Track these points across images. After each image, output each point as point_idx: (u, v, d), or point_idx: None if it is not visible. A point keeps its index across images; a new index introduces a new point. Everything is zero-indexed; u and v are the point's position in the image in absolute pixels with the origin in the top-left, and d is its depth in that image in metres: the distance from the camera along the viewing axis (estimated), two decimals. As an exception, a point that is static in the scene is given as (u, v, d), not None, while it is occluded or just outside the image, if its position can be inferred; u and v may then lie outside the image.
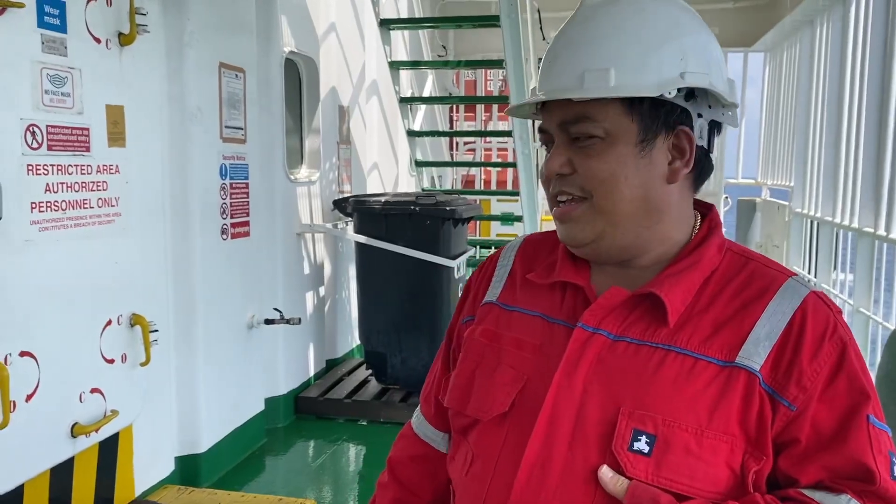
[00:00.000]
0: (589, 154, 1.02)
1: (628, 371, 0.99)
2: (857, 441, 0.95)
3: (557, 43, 1.06)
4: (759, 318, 0.98)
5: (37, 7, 2.41)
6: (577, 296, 1.09)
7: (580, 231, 1.05)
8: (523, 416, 1.03)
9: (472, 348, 1.15)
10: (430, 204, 4.56)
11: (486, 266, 1.25)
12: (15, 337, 2.36)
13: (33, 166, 2.41)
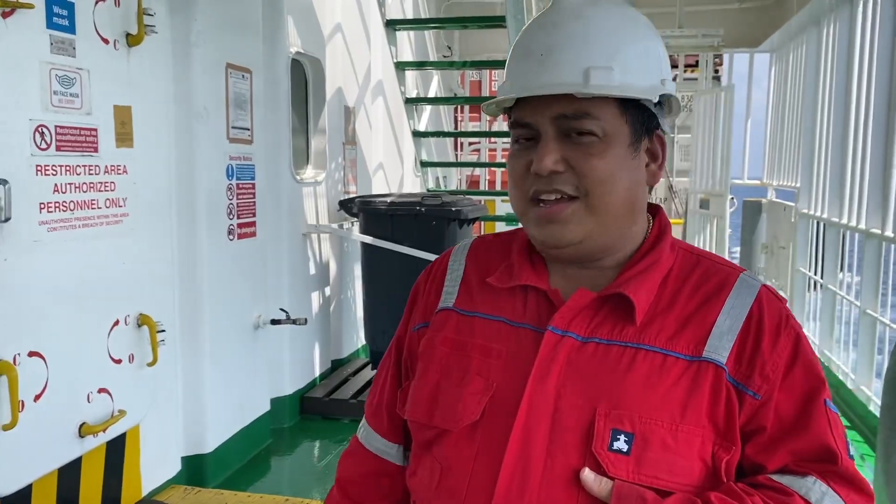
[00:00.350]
0: (590, 152, 1.01)
1: (600, 372, 1.00)
2: (818, 425, 1.00)
3: (546, 37, 1.03)
4: (719, 313, 1.02)
5: (46, 8, 2.41)
6: (539, 299, 1.08)
7: (569, 232, 1.03)
8: (495, 424, 1.01)
9: (434, 357, 1.11)
10: (435, 204, 4.56)
11: (435, 271, 1.21)
12: (23, 337, 2.36)
13: (42, 167, 2.41)
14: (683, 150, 12.18)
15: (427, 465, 1.08)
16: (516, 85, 1.05)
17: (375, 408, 1.26)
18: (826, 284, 6.03)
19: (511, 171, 1.07)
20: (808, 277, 6.72)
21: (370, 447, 1.25)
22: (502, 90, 1.08)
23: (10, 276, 2.31)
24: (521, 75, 1.04)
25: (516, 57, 1.07)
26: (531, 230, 1.07)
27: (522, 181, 1.05)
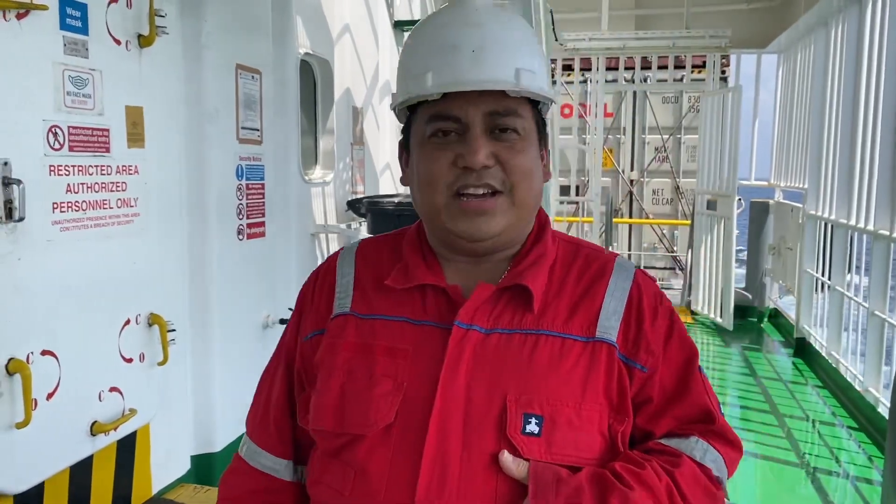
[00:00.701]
0: (516, 148, 1.06)
1: (506, 360, 1.04)
2: (696, 390, 1.12)
3: (474, 35, 1.06)
4: (604, 295, 1.10)
5: (59, 9, 2.43)
6: (438, 296, 1.10)
7: (495, 224, 1.07)
8: (410, 423, 1.02)
9: (336, 363, 1.09)
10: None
11: (322, 278, 1.20)
12: (36, 336, 2.38)
13: (55, 167, 2.43)
14: (690, 150, 12.16)
15: (337, 471, 1.06)
16: (445, 79, 1.04)
17: (260, 423, 1.22)
18: (834, 286, 6.02)
19: (430, 164, 1.07)
20: (815, 279, 6.70)
21: (255, 464, 1.21)
22: (419, 83, 1.06)
23: (23, 276, 2.32)
24: (451, 70, 1.04)
25: (439, 51, 1.06)
26: (451, 223, 1.07)
27: (445, 175, 1.06)
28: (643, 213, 12.26)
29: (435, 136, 1.07)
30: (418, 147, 1.10)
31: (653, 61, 8.78)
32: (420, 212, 1.13)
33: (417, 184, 1.10)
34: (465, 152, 1.04)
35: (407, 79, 1.09)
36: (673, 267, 12.34)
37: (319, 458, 1.11)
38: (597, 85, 8.57)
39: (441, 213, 1.07)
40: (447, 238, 1.11)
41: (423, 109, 1.09)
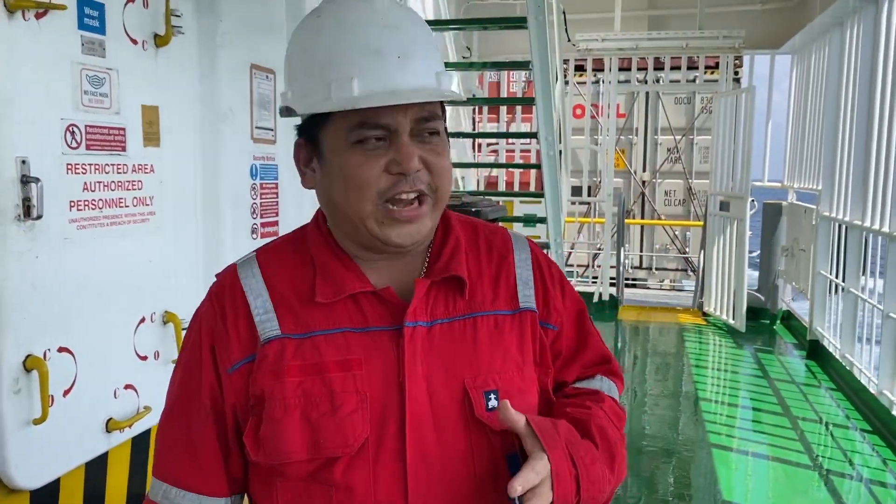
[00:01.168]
0: (439, 152, 1.09)
1: (453, 347, 1.10)
2: (593, 339, 1.27)
3: (395, 38, 1.04)
4: (514, 269, 1.19)
5: (77, 9, 2.45)
6: (370, 300, 1.10)
7: (423, 229, 1.10)
8: (384, 432, 1.05)
9: (287, 391, 1.06)
10: (455, 205, 4.57)
11: (228, 305, 1.13)
12: (53, 333, 2.40)
13: (72, 165, 2.45)
14: (702, 151, 12.12)
15: (316, 493, 1.06)
16: (376, 86, 1.02)
17: (191, 468, 1.14)
18: (848, 288, 5.99)
19: (359, 170, 1.05)
20: (829, 280, 6.67)
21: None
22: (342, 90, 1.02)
23: (41, 273, 2.34)
24: (379, 77, 1.02)
25: (360, 53, 1.03)
26: (379, 231, 1.07)
27: (376, 181, 1.05)
28: (655, 214, 12.23)
29: (361, 142, 1.05)
30: (339, 152, 1.07)
31: (666, 62, 8.75)
32: (340, 217, 1.11)
33: (344, 189, 1.07)
34: (398, 158, 1.04)
35: (324, 84, 1.04)
36: (685, 268, 12.31)
37: (289, 486, 1.08)
38: (609, 85, 8.55)
39: (368, 219, 1.07)
40: (370, 243, 1.10)
41: (341, 115, 1.06)
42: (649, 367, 6.75)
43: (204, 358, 1.13)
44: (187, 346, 1.18)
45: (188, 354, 1.17)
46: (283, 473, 1.08)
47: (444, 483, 1.05)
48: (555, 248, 6.65)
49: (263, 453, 1.07)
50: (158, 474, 1.17)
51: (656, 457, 4.48)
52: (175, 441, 1.16)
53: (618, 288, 8.63)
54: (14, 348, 2.27)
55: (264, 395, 1.07)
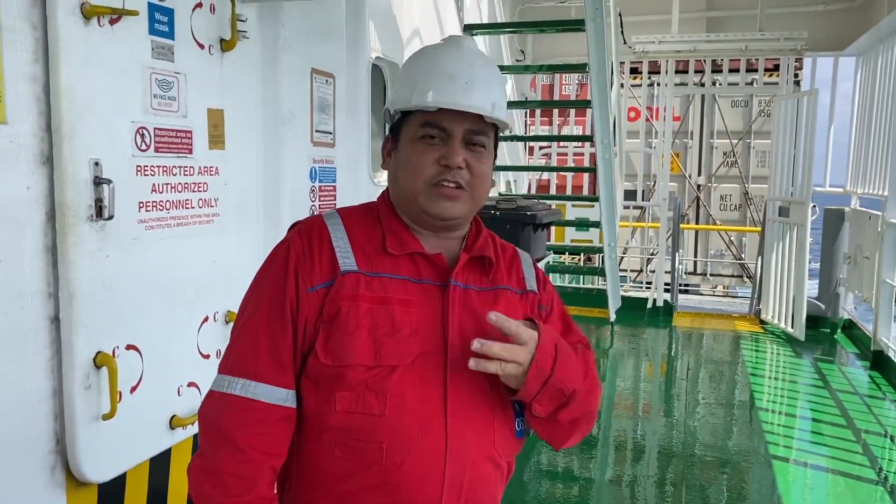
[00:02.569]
0: (481, 159, 1.43)
1: (481, 308, 1.41)
2: (575, 330, 1.60)
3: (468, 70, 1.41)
4: (521, 266, 1.56)
5: (148, 15, 2.51)
6: (424, 261, 1.43)
7: (457, 209, 1.41)
8: (429, 357, 1.36)
9: (360, 311, 1.35)
10: (510, 208, 4.56)
11: (316, 239, 1.42)
12: (121, 330, 2.46)
13: (142, 167, 2.51)
14: (759, 155, 11.87)
15: (371, 399, 1.33)
16: (443, 99, 1.38)
17: (273, 364, 1.38)
18: (915, 297, 5.79)
19: (417, 158, 1.40)
20: (895, 289, 6.46)
21: (270, 400, 1.36)
22: (420, 97, 1.39)
23: (111, 272, 2.40)
24: (448, 92, 1.38)
25: (439, 76, 1.40)
26: (426, 204, 1.40)
27: (429, 168, 1.39)
28: (710, 219, 12.01)
29: (424, 137, 1.40)
30: (409, 142, 1.42)
31: (724, 64, 8.59)
32: (400, 192, 1.45)
33: (404, 169, 1.42)
34: (447, 154, 1.39)
35: (411, 91, 1.41)
36: (740, 275, 12.05)
37: (348, 396, 1.34)
38: (665, 88, 8.43)
39: (420, 195, 1.40)
40: (419, 215, 1.43)
41: (417, 116, 1.41)
42: (705, 374, 6.62)
43: (289, 277, 1.39)
44: (274, 265, 1.43)
45: (273, 274, 1.41)
46: (345, 379, 1.33)
47: (470, 403, 1.37)
48: (608, 252, 6.58)
49: (332, 357, 1.34)
50: (237, 370, 1.39)
51: (711, 466, 4.39)
52: (258, 342, 1.39)
53: (672, 294, 8.50)
54: (85, 345, 2.33)
55: (340, 312, 1.35)
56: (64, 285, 2.27)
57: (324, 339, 1.36)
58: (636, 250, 11.45)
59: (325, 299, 1.37)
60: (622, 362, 6.82)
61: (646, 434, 4.92)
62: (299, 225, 1.49)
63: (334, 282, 1.38)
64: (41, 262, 2.24)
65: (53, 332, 2.28)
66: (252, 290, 1.47)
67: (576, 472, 4.16)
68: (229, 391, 1.37)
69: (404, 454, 1.33)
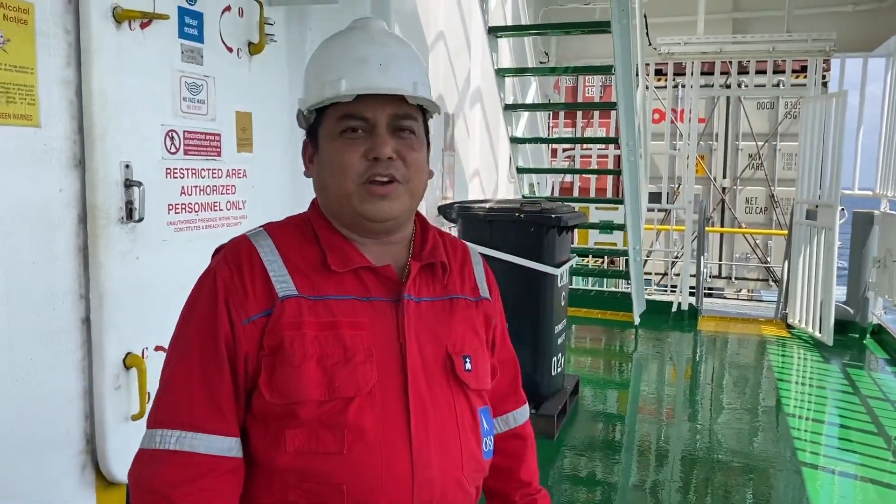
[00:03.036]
0: (413, 147, 1.28)
1: (438, 320, 1.32)
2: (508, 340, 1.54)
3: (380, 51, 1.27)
4: (473, 268, 1.44)
5: (178, 19, 2.54)
6: (370, 275, 1.29)
7: (395, 207, 1.27)
8: (388, 383, 1.24)
9: (306, 340, 1.22)
10: (535, 211, 4.54)
11: (245, 264, 1.26)
12: (151, 332, 2.48)
13: (171, 170, 2.54)
14: (786, 158, 11.74)
15: (327, 436, 1.20)
16: (359, 84, 1.24)
17: (209, 409, 1.21)
18: (947, 302, 5.69)
19: (341, 156, 1.26)
20: (925, 294, 6.35)
21: (212, 452, 1.20)
22: (332, 87, 1.25)
23: (140, 274, 2.43)
24: (363, 77, 1.25)
25: (349, 62, 1.26)
26: (360, 206, 1.26)
27: (356, 165, 1.25)
28: (735, 221, 11.90)
29: (345, 132, 1.26)
30: (329, 141, 1.28)
31: (750, 66, 8.50)
32: (330, 198, 1.30)
33: (330, 172, 1.28)
34: (374, 146, 1.24)
35: (321, 84, 1.27)
36: (766, 278, 11.92)
37: (300, 433, 1.20)
38: (690, 90, 8.37)
39: (352, 197, 1.26)
40: (354, 220, 1.29)
41: (333, 110, 1.27)
42: (731, 379, 6.56)
43: (219, 310, 1.23)
44: (201, 300, 1.27)
45: (203, 306, 1.26)
46: (296, 416, 1.20)
47: (436, 427, 1.26)
48: (633, 255, 6.54)
49: (279, 395, 1.21)
50: (168, 423, 1.21)
51: (737, 472, 4.34)
52: (191, 388, 1.22)
53: (697, 297, 8.42)
54: (116, 346, 2.36)
55: (283, 343, 1.21)
56: (95, 287, 2.30)
57: (268, 376, 1.22)
58: (660, 253, 11.37)
59: (264, 330, 1.22)
60: (646, 366, 6.77)
61: (670, 439, 4.88)
62: (223, 250, 1.33)
63: (273, 310, 1.23)
64: (73, 264, 2.27)
65: (84, 333, 2.31)
66: (178, 329, 1.30)
67: (599, 477, 4.13)
68: (162, 446, 1.19)
69: (368, 493, 1.20)
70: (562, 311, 4.81)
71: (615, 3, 4.75)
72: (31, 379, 2.14)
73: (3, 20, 2.01)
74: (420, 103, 1.30)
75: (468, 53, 6.00)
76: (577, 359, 6.64)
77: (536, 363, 4.58)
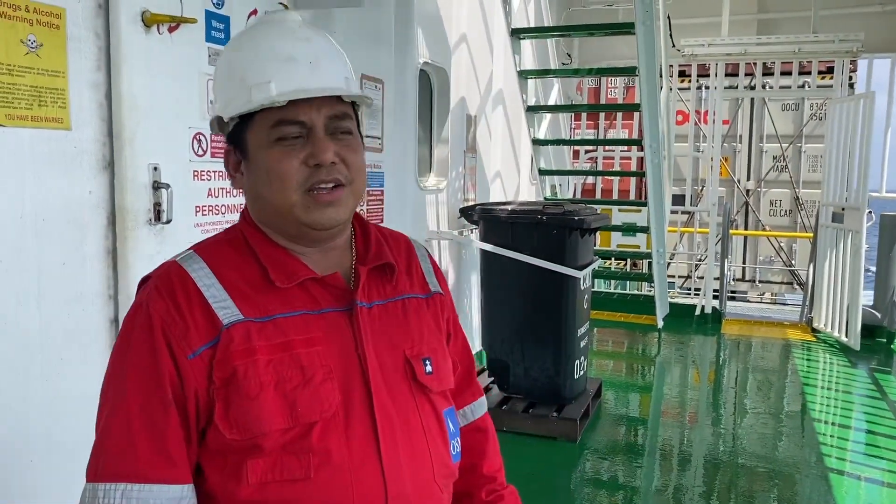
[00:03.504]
0: (353, 148, 1.21)
1: (391, 324, 1.26)
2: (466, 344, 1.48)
3: (307, 48, 1.19)
4: (418, 262, 1.38)
5: (205, 22, 2.56)
6: (315, 285, 1.22)
7: (342, 213, 1.21)
8: (351, 399, 1.17)
9: (259, 368, 1.12)
10: (557, 213, 4.53)
11: (177, 294, 1.15)
12: (177, 332, 2.51)
13: (198, 172, 2.56)
14: (811, 160, 11.61)
15: (292, 463, 1.12)
16: (291, 86, 1.15)
17: (157, 458, 1.11)
18: (977, 307, 5.59)
19: (279, 165, 1.16)
20: (955, 298, 6.25)
21: (162, 503, 1.10)
22: (261, 92, 1.15)
23: (168, 275, 2.45)
24: (294, 78, 1.16)
25: (276, 61, 1.17)
26: (305, 216, 1.18)
27: (296, 173, 1.16)
28: (759, 224, 11.79)
29: (281, 140, 1.17)
30: (263, 150, 1.18)
31: (775, 67, 8.42)
32: (268, 209, 1.20)
33: (268, 182, 1.18)
34: (315, 152, 1.16)
35: (245, 88, 1.17)
36: (790, 282, 11.80)
37: (262, 463, 1.12)
38: (714, 91, 8.31)
39: (294, 207, 1.17)
40: (298, 230, 1.21)
41: (262, 116, 1.17)
42: (755, 383, 6.50)
43: (158, 347, 1.12)
44: (135, 337, 1.15)
45: (138, 344, 1.14)
46: (259, 448, 1.11)
47: (404, 438, 1.20)
48: (657, 258, 6.50)
49: (239, 430, 1.11)
50: (112, 475, 1.11)
51: (761, 478, 4.30)
52: (133, 435, 1.11)
53: (721, 301, 8.35)
54: (143, 346, 2.39)
55: (235, 375, 1.12)
56: (123, 288, 2.33)
57: (223, 410, 1.12)
58: (684, 256, 11.29)
59: (212, 363, 1.12)
60: (669, 370, 6.73)
61: (693, 443, 4.84)
62: (152, 280, 1.20)
63: (219, 339, 1.13)
64: (102, 265, 2.30)
65: (113, 334, 2.34)
66: (112, 369, 1.18)
67: (621, 481, 4.11)
68: (105, 502, 1.09)
69: None
70: (584, 314, 4.79)
71: (639, 5, 4.73)
72: (60, 379, 2.17)
73: (35, 25, 2.05)
74: (354, 100, 1.24)
75: (490, 55, 6.00)
76: (600, 362, 6.61)
77: (559, 366, 4.56)
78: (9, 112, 2.00)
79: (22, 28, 2.02)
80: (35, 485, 2.13)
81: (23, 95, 2.03)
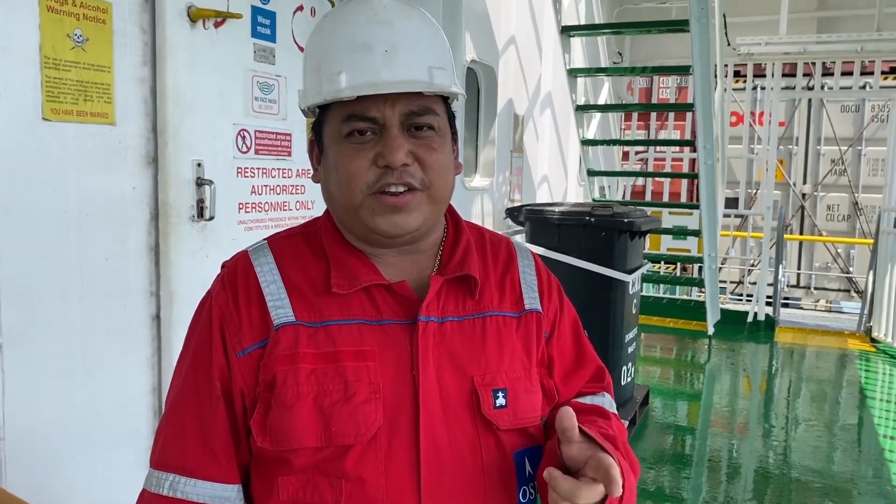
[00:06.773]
0: (433, 147, 1.07)
1: (463, 345, 1.10)
2: (589, 350, 1.28)
3: (385, 34, 1.05)
4: (518, 273, 1.20)
5: (251, 18, 2.54)
6: (383, 294, 1.10)
7: (413, 220, 1.07)
8: (397, 423, 1.05)
9: (301, 378, 1.04)
10: (606, 215, 4.43)
11: (239, 289, 1.10)
12: (219, 330, 2.49)
13: (242, 169, 2.54)
14: (871, 163, 11.22)
15: (324, 485, 1.04)
16: (360, 80, 1.04)
17: (202, 454, 1.08)
18: None
19: (349, 163, 1.06)
20: None
21: (204, 500, 1.08)
22: (333, 83, 1.05)
23: (210, 273, 2.42)
24: (364, 71, 1.04)
25: (348, 50, 1.05)
26: (370, 220, 1.07)
27: (365, 174, 1.05)
28: (815, 229, 11.44)
29: (351, 135, 1.06)
30: (334, 146, 1.08)
31: (836, 67, 8.14)
32: (337, 209, 1.12)
33: (335, 181, 1.09)
34: (384, 152, 1.04)
35: (319, 78, 1.07)
36: (847, 289, 11.43)
37: (293, 480, 1.05)
38: (771, 92, 8.07)
39: (360, 210, 1.07)
40: (366, 234, 1.10)
41: (336, 108, 1.07)
42: (810, 393, 6.28)
43: (214, 341, 1.09)
44: (196, 331, 1.13)
45: (197, 338, 1.12)
46: (290, 463, 1.05)
47: (453, 477, 1.06)
48: (709, 262, 6.34)
49: (270, 439, 1.05)
50: (164, 464, 1.10)
51: (815, 493, 4.13)
52: (185, 427, 1.10)
53: (774, 307, 8.11)
54: (184, 343, 2.38)
55: (276, 380, 1.05)
56: (165, 284, 2.32)
57: (260, 416, 1.07)
58: (736, 261, 11.02)
59: (259, 364, 1.07)
60: (719, 378, 6.55)
61: (743, 454, 4.69)
62: (223, 269, 1.17)
63: (268, 340, 1.07)
64: (145, 261, 2.29)
65: (154, 330, 2.33)
66: (179, 359, 1.16)
67: (668, 492, 4.00)
68: (157, 490, 1.08)
69: None
70: (633, 319, 4.68)
71: (694, 2, 4.60)
72: (101, 374, 2.17)
73: (82, 19, 2.05)
74: (439, 93, 1.08)
75: (539, 55, 5.92)
76: (647, 368, 6.47)
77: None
78: (54, 107, 2.00)
79: (69, 23, 2.02)
80: (75, 480, 2.14)
81: (68, 90, 2.03)
